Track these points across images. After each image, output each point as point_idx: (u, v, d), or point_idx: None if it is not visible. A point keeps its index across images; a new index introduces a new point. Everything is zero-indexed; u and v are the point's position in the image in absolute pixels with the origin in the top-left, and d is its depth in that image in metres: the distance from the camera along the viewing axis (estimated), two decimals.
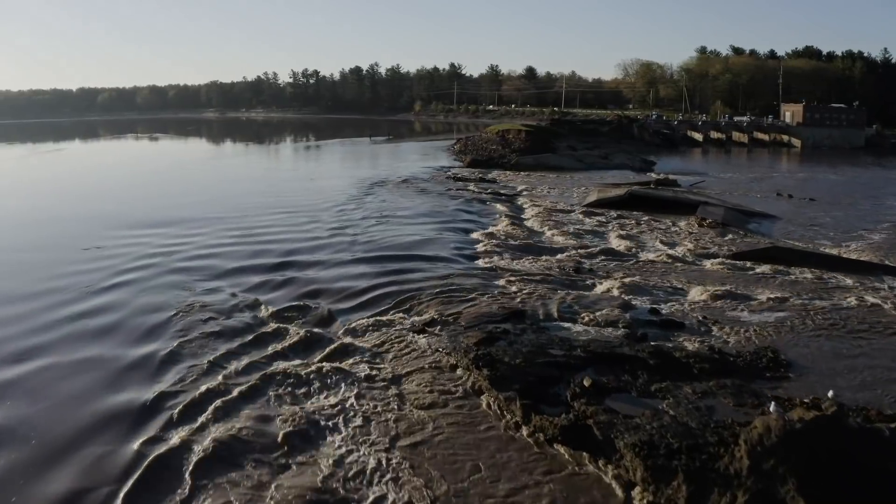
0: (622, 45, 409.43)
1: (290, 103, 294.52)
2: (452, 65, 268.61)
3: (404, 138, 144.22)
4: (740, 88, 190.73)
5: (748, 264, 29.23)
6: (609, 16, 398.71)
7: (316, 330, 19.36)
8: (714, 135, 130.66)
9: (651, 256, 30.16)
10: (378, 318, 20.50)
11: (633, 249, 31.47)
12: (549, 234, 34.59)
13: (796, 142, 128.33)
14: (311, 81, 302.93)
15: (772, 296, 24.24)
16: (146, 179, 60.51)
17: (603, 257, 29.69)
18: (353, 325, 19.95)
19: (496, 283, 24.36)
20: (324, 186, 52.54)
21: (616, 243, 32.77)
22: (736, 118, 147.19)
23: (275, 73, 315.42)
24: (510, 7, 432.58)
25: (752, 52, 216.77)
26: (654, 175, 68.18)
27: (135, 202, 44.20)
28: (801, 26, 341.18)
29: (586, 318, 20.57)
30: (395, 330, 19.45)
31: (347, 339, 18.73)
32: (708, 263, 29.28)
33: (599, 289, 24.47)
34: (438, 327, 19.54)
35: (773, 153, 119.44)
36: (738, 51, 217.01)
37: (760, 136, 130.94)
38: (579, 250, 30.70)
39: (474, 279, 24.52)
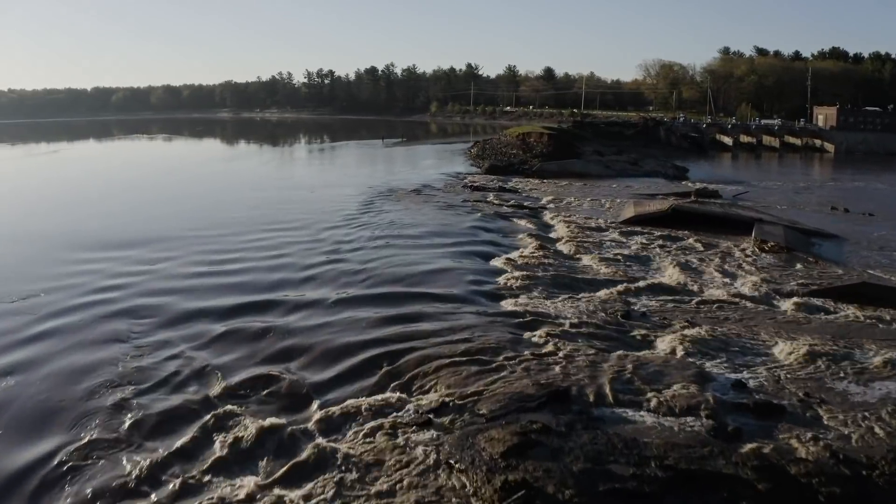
0: (641, 46, 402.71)
1: (305, 104, 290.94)
2: (469, 65, 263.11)
3: (419, 140, 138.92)
4: (766, 90, 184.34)
5: (835, 305, 23.70)
6: (627, 16, 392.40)
7: (280, 420, 13.88)
8: (744, 138, 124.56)
9: (713, 294, 24.54)
10: (367, 399, 14.93)
11: (689, 283, 25.83)
12: (585, 260, 28.96)
13: (829, 146, 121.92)
14: (326, 82, 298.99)
15: (883, 356, 18.64)
16: (131, 186, 55.00)
17: (655, 295, 24.08)
18: (333, 410, 14.41)
19: (526, 336, 18.82)
20: (327, 196, 46.97)
21: (667, 274, 27.13)
22: (764, 121, 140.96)
23: (289, 73, 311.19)
24: (528, 7, 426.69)
25: (777, 54, 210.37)
26: (689, 184, 62.50)
27: (107, 215, 38.96)
28: (824, 27, 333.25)
29: (654, 402, 14.98)
30: (391, 422, 13.89)
31: (321, 440, 13.17)
32: (785, 305, 23.66)
33: (660, 346, 18.92)
34: (450, 417, 14.02)
35: (805, 158, 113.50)
36: (762, 51, 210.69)
37: (792, 140, 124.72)
38: (624, 285, 25.08)
39: (497, 331, 18.96)
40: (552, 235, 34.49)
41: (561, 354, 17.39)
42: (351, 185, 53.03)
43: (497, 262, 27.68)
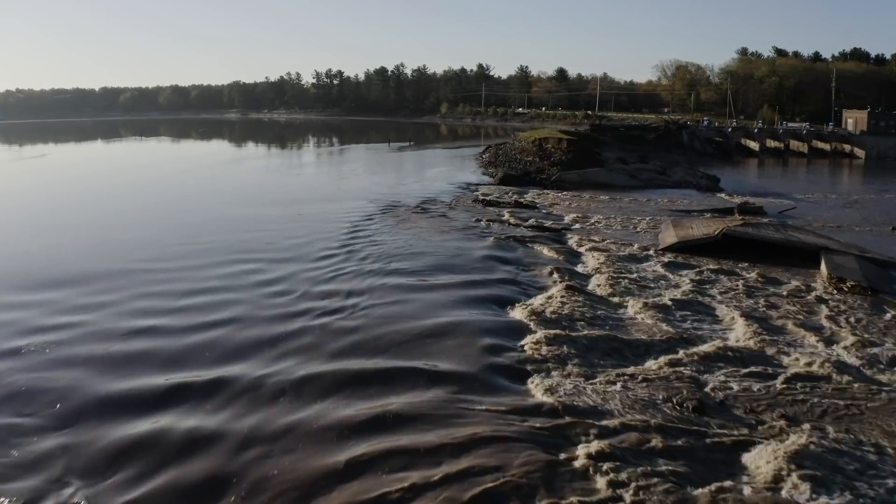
0: (654, 47, 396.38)
1: (314, 104, 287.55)
2: (480, 66, 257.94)
3: (428, 144, 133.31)
4: (787, 92, 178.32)
5: None
6: (640, 16, 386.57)
7: None
8: (770, 143, 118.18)
9: (803, 363, 18.57)
10: None
11: (768, 346, 19.86)
12: (629, 309, 23.01)
13: (859, 152, 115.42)
14: (335, 82, 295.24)
15: None
16: (100, 200, 48.21)
17: (727, 367, 18.16)
18: None
19: (566, 459, 12.94)
20: (318, 214, 40.68)
21: (736, 330, 21.10)
22: (790, 125, 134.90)
23: (298, 74, 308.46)
24: (540, 7, 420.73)
25: (796, 54, 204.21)
26: (725, 196, 56.49)
27: (54, 239, 33.22)
28: (843, 27, 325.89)
29: None
30: None
31: None
32: None
33: (758, 467, 13.00)
34: None
35: (834, 164, 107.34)
36: (781, 52, 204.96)
37: (821, 145, 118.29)
38: (685, 350, 19.16)
39: (525, 450, 12.98)
40: (582, 269, 28.53)
41: (620, 497, 11.51)
42: (348, 200, 47.06)
43: (517, 313, 21.73)
